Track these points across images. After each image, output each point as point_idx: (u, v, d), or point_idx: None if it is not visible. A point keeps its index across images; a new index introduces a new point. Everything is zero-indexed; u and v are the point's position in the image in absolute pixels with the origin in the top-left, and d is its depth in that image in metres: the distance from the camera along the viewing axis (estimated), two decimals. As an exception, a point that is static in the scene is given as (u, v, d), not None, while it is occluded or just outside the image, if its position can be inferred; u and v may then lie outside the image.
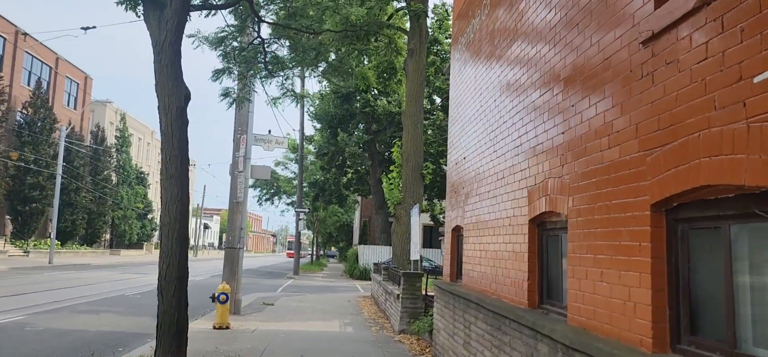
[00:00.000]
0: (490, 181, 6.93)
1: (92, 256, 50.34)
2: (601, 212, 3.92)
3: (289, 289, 26.33)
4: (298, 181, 37.92)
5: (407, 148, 21.72)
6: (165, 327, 6.02)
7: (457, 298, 7.91)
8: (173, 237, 6.12)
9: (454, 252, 9.23)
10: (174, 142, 6.17)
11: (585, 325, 4.07)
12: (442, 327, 8.89)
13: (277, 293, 23.19)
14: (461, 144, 8.92)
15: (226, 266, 15.02)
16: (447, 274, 9.45)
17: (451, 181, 9.58)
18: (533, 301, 5.36)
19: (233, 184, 15.32)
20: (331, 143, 36.03)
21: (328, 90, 36.76)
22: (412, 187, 21.27)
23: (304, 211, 38.49)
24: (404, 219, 21.01)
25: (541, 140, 5.20)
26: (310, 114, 38.05)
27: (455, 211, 9.05)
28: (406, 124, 22.16)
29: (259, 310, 15.94)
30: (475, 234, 7.53)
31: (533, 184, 5.34)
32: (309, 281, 33.04)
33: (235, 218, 15.15)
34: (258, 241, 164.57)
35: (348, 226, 64.89)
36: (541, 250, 5.37)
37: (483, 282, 6.95)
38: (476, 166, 7.71)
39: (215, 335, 11.21)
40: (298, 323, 13.51)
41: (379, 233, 38.98)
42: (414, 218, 16.18)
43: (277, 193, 55.11)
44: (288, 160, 53.49)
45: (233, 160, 15.39)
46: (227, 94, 11.18)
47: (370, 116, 35.30)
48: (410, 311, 12.01)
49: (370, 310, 17.04)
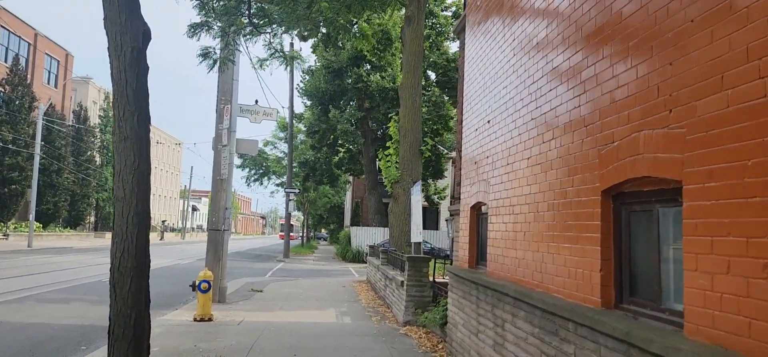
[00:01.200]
0: (530, 146, 5.55)
1: (76, 239, 48.71)
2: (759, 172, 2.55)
3: (279, 273, 24.97)
4: (287, 160, 36.40)
5: (405, 122, 20.31)
6: (119, 332, 4.63)
7: (482, 288, 6.56)
8: (129, 216, 4.71)
9: (473, 234, 7.88)
10: (128, 93, 4.74)
11: (723, 342, 2.73)
12: (461, 322, 7.56)
13: (267, 278, 21.82)
14: (482, 107, 7.52)
15: (209, 250, 13.61)
16: (464, 259, 8.09)
17: (469, 152, 8.20)
18: (608, 300, 4.01)
19: (217, 160, 13.86)
20: (322, 120, 34.50)
21: (319, 65, 35.17)
22: (410, 165, 19.90)
23: (294, 191, 37.04)
24: (402, 198, 19.66)
25: (624, 80, 3.81)
26: (300, 90, 36.46)
27: (475, 186, 7.68)
28: (403, 97, 20.73)
29: (247, 297, 14.57)
30: (506, 212, 6.16)
31: (610, 144, 3.96)
32: (300, 264, 31.70)
33: (219, 197, 13.72)
34: (247, 223, 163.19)
35: (339, 208, 63.52)
36: (620, 231, 4.01)
37: (520, 271, 5.60)
38: (507, 130, 6.33)
39: (195, 329, 9.83)
40: (289, 313, 12.15)
41: (373, 214, 37.65)
42: (415, 197, 14.84)
43: (266, 174, 53.52)
44: (277, 139, 51.92)
45: (216, 133, 13.93)
46: (207, 54, 9.66)
47: (363, 92, 33.78)
48: (416, 300, 10.69)
49: (368, 296, 15.72)
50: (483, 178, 7.24)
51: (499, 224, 6.37)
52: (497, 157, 6.65)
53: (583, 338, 3.96)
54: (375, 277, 16.97)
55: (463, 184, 8.43)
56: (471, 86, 8.30)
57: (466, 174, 8.31)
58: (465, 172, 8.40)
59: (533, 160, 5.46)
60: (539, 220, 5.22)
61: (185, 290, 13.60)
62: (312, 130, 35.28)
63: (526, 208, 5.58)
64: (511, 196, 6.06)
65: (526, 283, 5.39)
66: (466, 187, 8.30)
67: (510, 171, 6.15)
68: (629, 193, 3.92)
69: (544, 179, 5.17)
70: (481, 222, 7.74)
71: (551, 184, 5.00)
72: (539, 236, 5.18)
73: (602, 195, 4.09)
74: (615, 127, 3.93)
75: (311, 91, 35.12)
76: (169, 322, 10.42)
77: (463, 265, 8.06)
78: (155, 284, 17.80)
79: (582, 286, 4.29)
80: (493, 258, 6.60)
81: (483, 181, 7.23)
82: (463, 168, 8.50)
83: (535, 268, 5.25)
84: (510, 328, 5.52)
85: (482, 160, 7.33)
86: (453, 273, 8.16)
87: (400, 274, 12.20)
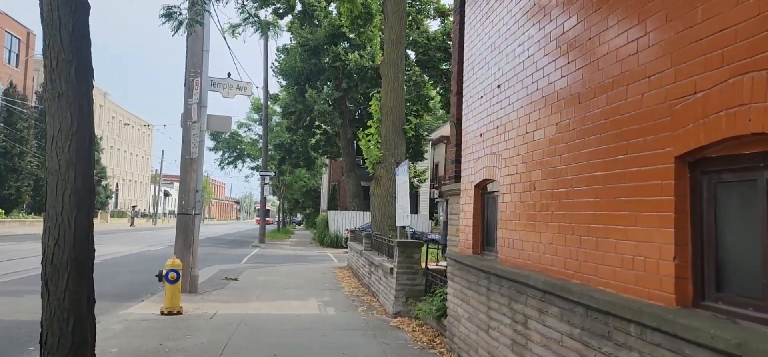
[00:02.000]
0: (559, 109, 4.63)
1: (40, 226, 46.73)
2: None
3: (254, 259, 23.89)
4: (262, 142, 35.15)
5: (387, 100, 19.32)
6: (53, 341, 3.65)
7: (495, 278, 5.67)
8: (65, 194, 3.69)
9: (478, 216, 6.96)
10: (62, 37, 3.69)
11: None
12: (465, 315, 6.67)
13: (242, 264, 20.73)
14: (490, 71, 6.59)
15: (178, 236, 12.50)
16: (466, 244, 7.18)
17: (471, 125, 7.27)
18: (685, 296, 3.12)
19: (186, 138, 12.72)
20: (299, 101, 33.28)
21: (295, 43, 33.88)
22: (393, 144, 18.94)
23: (270, 174, 35.81)
24: (385, 179, 18.72)
25: (716, 8, 2.90)
26: (275, 69, 35.12)
27: (480, 162, 6.77)
28: (385, 74, 19.72)
29: (221, 286, 13.52)
30: (525, 189, 5.26)
31: (690, 96, 3.06)
32: (276, 250, 30.61)
33: (188, 178, 12.60)
34: (221, 208, 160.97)
35: (315, 192, 62.36)
36: (701, 209, 3.12)
37: (547, 258, 4.70)
38: (525, 93, 5.41)
39: (162, 324, 8.79)
40: (267, 304, 11.15)
41: (351, 197, 36.66)
42: (401, 178, 13.92)
43: (240, 157, 52.07)
44: (251, 121, 50.46)
45: (185, 108, 12.77)
46: (171, 15, 8.57)
47: (341, 72, 32.61)
48: (407, 289, 9.78)
49: (350, 283, 14.79)
50: (491, 152, 6.32)
51: (516, 204, 5.47)
52: (511, 126, 5.72)
53: (656, 346, 3.07)
54: (358, 263, 16.04)
55: (464, 161, 7.51)
56: (473, 50, 7.34)
57: (468, 149, 7.38)
58: (466, 147, 7.48)
59: (564, 126, 4.54)
60: (574, 197, 4.32)
61: (154, 279, 12.51)
62: (288, 111, 34.03)
63: (553, 184, 4.68)
64: (531, 171, 5.15)
65: (557, 273, 4.50)
66: (468, 163, 7.38)
67: (529, 141, 5.23)
68: (717, 159, 3.02)
69: (581, 148, 4.25)
70: (487, 202, 6.84)
71: (592, 154, 4.09)
72: (575, 217, 4.28)
73: (676, 162, 3.19)
74: (699, 73, 3.02)
75: (287, 70, 33.83)
76: (133, 317, 9.36)
77: (466, 251, 7.16)
78: (121, 273, 16.48)
79: (644, 278, 3.39)
80: (506, 243, 5.70)
81: (491, 155, 6.31)
82: (464, 143, 7.57)
83: (567, 254, 4.36)
84: (536, 326, 4.63)
85: (490, 131, 6.41)
86: (454, 260, 7.25)
87: (387, 261, 11.28)
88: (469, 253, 6.99)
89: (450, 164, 9.66)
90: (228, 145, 50.60)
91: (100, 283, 14.11)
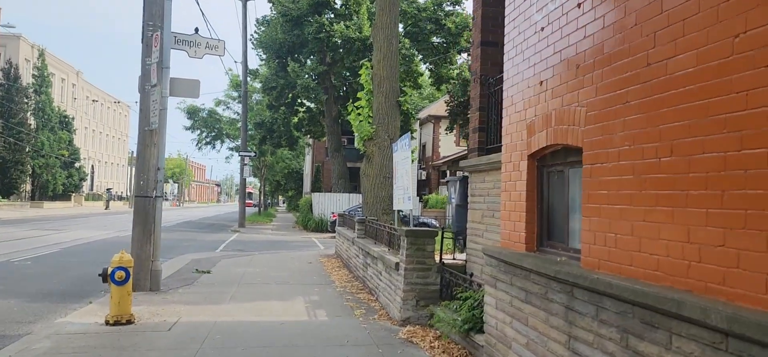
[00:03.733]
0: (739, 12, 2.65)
1: (8, 210, 44.15)
2: None
3: (232, 246, 21.79)
4: (241, 120, 32.85)
5: (379, 69, 17.22)
6: None
7: (584, 293, 3.70)
8: None
9: (533, 197, 4.98)
10: None
11: None
12: (519, 339, 4.70)
13: (218, 253, 18.64)
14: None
15: (136, 224, 10.40)
16: (513, 237, 5.20)
17: (522, 72, 5.27)
18: None
19: (144, 105, 10.57)
20: (280, 76, 31.01)
21: (276, 13, 31.53)
22: (386, 119, 16.88)
23: (250, 154, 33.59)
24: (378, 158, 16.68)
25: None
26: (255, 41, 32.73)
27: (539, 123, 4.78)
28: (377, 40, 17.59)
29: (190, 281, 11.45)
30: (648, 153, 3.28)
31: None
32: (257, 235, 28.52)
33: (147, 154, 10.47)
34: (202, 191, 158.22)
35: (297, 173, 60.10)
36: None
37: (713, 272, 2.74)
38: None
39: (103, 339, 6.73)
40: (243, 306, 9.13)
41: (336, 179, 34.60)
42: (401, 154, 11.96)
43: (219, 137, 49.50)
44: (230, 98, 47.91)
45: (143, 70, 10.61)
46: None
47: (325, 44, 30.37)
48: (418, 289, 7.81)
49: (341, 276, 12.81)
50: (565, 105, 4.33)
51: (627, 180, 3.49)
52: (615, 56, 3.72)
53: None
54: (349, 252, 14.06)
55: (509, 122, 5.50)
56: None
57: (514, 106, 5.38)
58: (511, 104, 5.48)
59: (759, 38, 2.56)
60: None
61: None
62: (268, 86, 31.71)
63: (727, 142, 2.70)
64: (663, 126, 3.17)
65: (747, 300, 2.53)
66: (513, 126, 5.38)
67: (661, 76, 3.24)
68: None
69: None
70: (549, 178, 4.86)
71: None
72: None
73: None
74: None
75: (267, 42, 31.48)
76: (69, 328, 7.28)
77: (513, 246, 5.18)
78: (76, 264, 14.08)
79: None
80: (602, 239, 3.73)
81: (566, 109, 4.32)
82: (508, 99, 5.57)
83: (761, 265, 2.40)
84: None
85: (563, 74, 4.40)
86: (497, 258, 5.26)
87: (390, 252, 9.31)
88: (520, 250, 5.01)
89: (472, 133, 7.70)
90: (205, 123, 47.99)
91: (46, 279, 11.86)
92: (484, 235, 7.30)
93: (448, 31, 30.67)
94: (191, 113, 47.98)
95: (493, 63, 7.66)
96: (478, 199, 7.53)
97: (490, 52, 7.71)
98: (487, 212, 7.20)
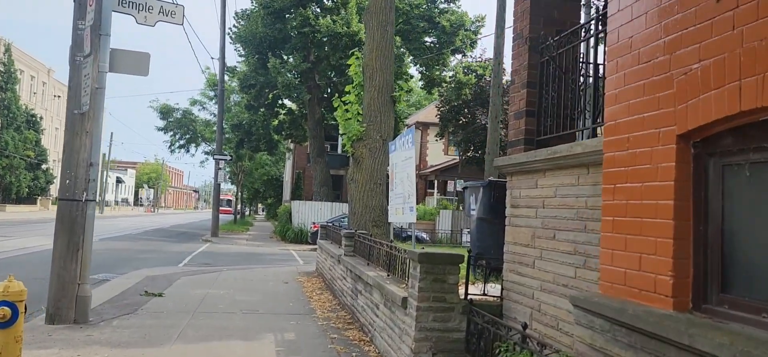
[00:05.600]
0: None
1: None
2: None
3: (200, 258, 19.29)
4: (218, 120, 30.35)
5: (371, 60, 14.95)
6: None
7: None
8: None
9: (686, 212, 2.73)
10: None
11: None
12: None
13: (180, 267, 16.17)
14: None
15: (58, 235, 7.99)
16: (637, 279, 2.95)
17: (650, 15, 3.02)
18: None
19: (74, 81, 8.18)
20: (260, 73, 28.60)
21: (256, 5, 29.17)
22: (378, 116, 14.59)
23: (225, 158, 31.05)
24: (368, 161, 14.38)
25: None
26: (233, 36, 30.29)
27: (718, 71, 2.53)
28: (369, 26, 15.32)
29: (132, 309, 9.03)
30: None
31: None
32: (230, 245, 26.01)
33: (76, 144, 8.06)
34: (179, 197, 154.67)
35: (277, 180, 57.49)
36: None
37: None
38: None
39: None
40: (193, 349, 6.76)
41: (318, 186, 32.22)
42: (402, 153, 9.76)
43: (194, 140, 46.68)
44: (207, 97, 45.16)
45: (74, 36, 8.23)
46: None
47: (310, 40, 28.08)
48: (436, 338, 5.51)
49: (323, 302, 10.50)
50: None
51: None
52: None
53: None
54: (333, 271, 11.72)
55: (624, 82, 3.25)
56: None
57: (642, 49, 3.13)
58: (632, 46, 3.22)
59: None
60: None
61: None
62: (247, 83, 29.28)
63: None
64: None
65: None
66: (639, 86, 3.13)
67: None
68: None
69: None
70: (730, 179, 2.61)
71: None
72: None
73: None
74: None
75: (247, 37, 29.08)
76: None
77: (639, 297, 2.92)
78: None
79: None
80: None
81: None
82: (623, 37, 3.32)
83: None
84: None
85: None
86: (619, 322, 2.98)
87: (391, 281, 7.01)
88: (659, 306, 2.74)
89: (513, 120, 5.50)
90: (180, 124, 45.17)
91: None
92: (536, 265, 5.04)
93: (442, 29, 28.56)
94: (164, 113, 45.16)
95: (548, 21, 5.45)
96: (526, 212, 5.28)
97: (543, 4, 5.48)
98: (542, 231, 4.96)
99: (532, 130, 5.45)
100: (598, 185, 4.19)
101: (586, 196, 4.33)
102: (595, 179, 4.21)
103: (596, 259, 4.16)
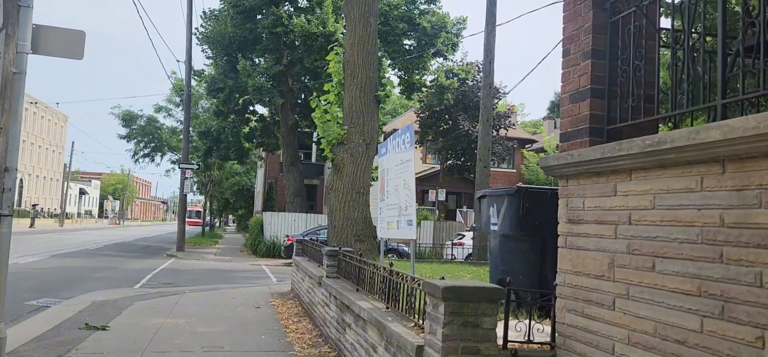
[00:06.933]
0: None
1: None
2: None
3: (161, 277, 17.40)
4: (184, 126, 28.43)
5: (353, 55, 13.38)
6: None
7: None
8: None
9: None
10: None
11: None
12: None
13: (136, 289, 14.31)
14: None
15: (-40, 259, 6.20)
16: None
17: None
18: None
19: (-16, 63, 6.43)
20: (229, 76, 26.81)
21: (226, 4, 27.42)
22: (361, 118, 13.00)
23: (192, 167, 29.12)
24: (350, 168, 12.79)
25: None
26: (200, 37, 28.45)
27: None
28: (350, 18, 13.74)
29: (61, 351, 7.25)
30: None
31: None
32: (196, 261, 24.10)
33: (-15, 143, 6.30)
34: (147, 208, 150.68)
35: (248, 191, 55.40)
36: None
37: None
38: None
39: None
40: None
41: (291, 197, 30.46)
42: (395, 156, 8.22)
43: (159, 148, 44.42)
44: (173, 104, 43.01)
45: (-15, 5, 6.48)
46: None
47: (282, 41, 26.43)
48: (469, 408, 3.94)
49: (302, 333, 8.86)
50: None
51: None
52: None
53: None
54: (312, 295, 10.08)
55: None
56: None
57: None
58: None
59: None
60: None
61: None
62: (215, 86, 27.43)
63: None
64: None
65: None
66: None
67: None
68: None
69: None
70: None
71: None
72: None
73: None
74: None
75: (215, 38, 27.28)
76: None
77: None
78: None
79: None
80: None
81: None
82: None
83: None
84: None
85: None
86: None
87: (393, 316, 5.42)
88: None
89: (568, 104, 4.02)
90: (144, 132, 42.88)
91: None
92: (619, 305, 3.51)
93: (422, 31, 27.14)
94: (127, 120, 42.82)
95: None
96: (597, 230, 3.75)
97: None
98: (629, 258, 3.43)
99: (601, 116, 3.94)
100: (746, 191, 2.69)
101: (720, 207, 2.82)
102: (739, 181, 2.72)
103: (747, 307, 2.66)
